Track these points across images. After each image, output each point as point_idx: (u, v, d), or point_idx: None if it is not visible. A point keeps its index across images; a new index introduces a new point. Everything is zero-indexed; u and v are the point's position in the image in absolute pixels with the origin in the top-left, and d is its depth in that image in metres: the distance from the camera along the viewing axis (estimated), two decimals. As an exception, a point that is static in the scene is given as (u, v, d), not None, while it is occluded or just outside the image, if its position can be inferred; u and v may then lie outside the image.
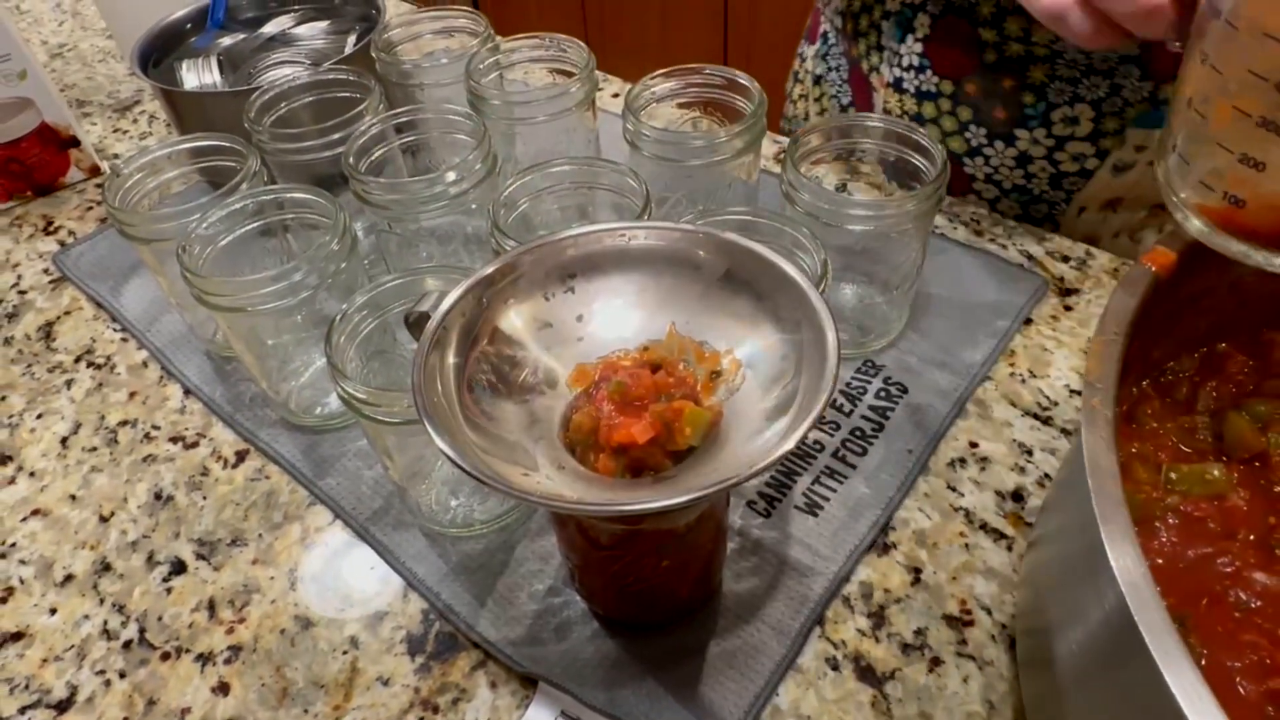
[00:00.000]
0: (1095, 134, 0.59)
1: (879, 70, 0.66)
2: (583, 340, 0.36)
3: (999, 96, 0.60)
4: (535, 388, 0.35)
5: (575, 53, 0.60)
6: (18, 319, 0.64)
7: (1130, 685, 0.26)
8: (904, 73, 0.64)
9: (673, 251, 0.36)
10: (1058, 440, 0.49)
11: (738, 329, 0.35)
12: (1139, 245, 0.65)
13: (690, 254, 0.36)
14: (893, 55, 0.64)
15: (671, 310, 0.36)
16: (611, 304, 0.36)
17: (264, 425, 0.53)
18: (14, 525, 0.50)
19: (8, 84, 0.68)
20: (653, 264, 0.36)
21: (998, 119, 0.61)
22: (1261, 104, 0.30)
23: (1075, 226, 0.65)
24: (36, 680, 0.43)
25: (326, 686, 0.42)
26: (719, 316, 0.35)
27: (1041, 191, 0.64)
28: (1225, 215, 0.33)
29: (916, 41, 0.61)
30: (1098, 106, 0.58)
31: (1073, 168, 0.61)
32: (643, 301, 0.36)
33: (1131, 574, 0.25)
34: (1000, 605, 0.42)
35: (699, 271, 0.36)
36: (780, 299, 0.34)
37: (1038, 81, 0.58)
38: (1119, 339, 0.32)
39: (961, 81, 0.61)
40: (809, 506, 0.47)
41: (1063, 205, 0.64)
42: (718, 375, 0.35)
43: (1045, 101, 0.59)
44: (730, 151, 0.52)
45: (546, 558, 0.45)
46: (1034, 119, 0.60)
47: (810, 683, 0.40)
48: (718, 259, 0.35)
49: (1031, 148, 0.61)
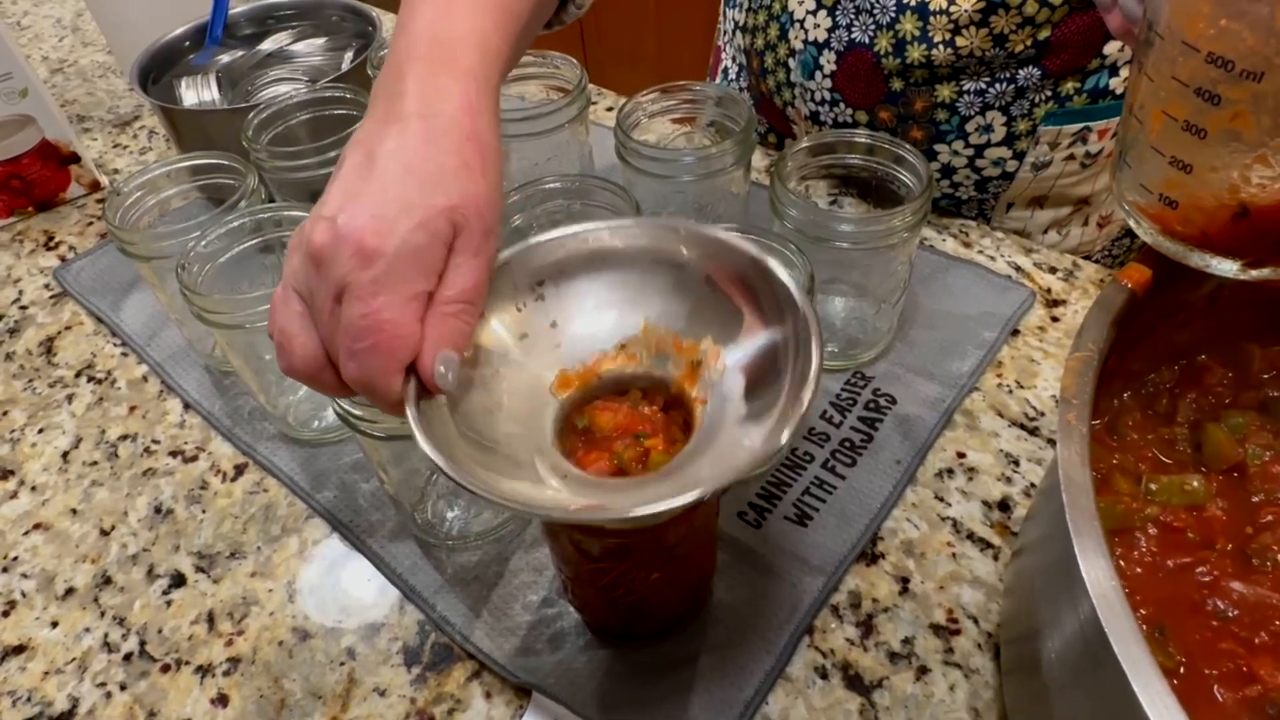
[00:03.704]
0: (1010, 137, 0.62)
1: (794, 105, 0.69)
2: (560, 346, 0.36)
3: (913, 119, 0.62)
4: (522, 399, 0.35)
5: (568, 70, 0.61)
6: (19, 334, 0.65)
7: (1102, 694, 0.26)
8: (818, 106, 0.66)
9: (640, 248, 0.36)
10: (1044, 451, 0.50)
11: (715, 320, 0.35)
12: (1066, 238, 0.68)
13: (660, 249, 0.36)
14: (804, 91, 0.67)
15: (644, 305, 0.36)
16: (584, 306, 0.37)
17: (262, 439, 0.54)
18: (16, 539, 0.51)
19: (9, 102, 0.69)
20: (620, 262, 0.36)
21: (916, 139, 0.63)
22: (1185, 109, 0.31)
23: (1005, 223, 0.68)
24: (38, 693, 0.44)
25: (324, 697, 0.42)
26: (694, 308, 0.35)
27: (969, 197, 0.67)
28: (1162, 217, 0.35)
29: (825, 78, 0.64)
30: (1007, 111, 0.60)
31: (994, 172, 0.64)
32: (614, 300, 0.37)
33: (1102, 586, 0.26)
34: (986, 614, 0.43)
35: (670, 265, 0.36)
36: (760, 291, 0.34)
37: (947, 99, 0.60)
38: (1095, 356, 0.33)
39: (874, 109, 0.63)
40: (799, 517, 0.47)
41: (991, 202, 0.67)
42: (698, 365, 0.35)
43: (958, 115, 0.61)
44: (721, 166, 0.53)
45: (540, 570, 0.46)
46: (950, 133, 0.62)
47: (799, 691, 0.41)
48: (689, 252, 0.35)
49: (953, 159, 0.64)
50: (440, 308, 0.32)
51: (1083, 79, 0.58)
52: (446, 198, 0.32)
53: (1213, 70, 0.30)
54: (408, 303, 0.31)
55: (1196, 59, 0.30)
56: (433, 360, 0.31)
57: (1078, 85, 0.59)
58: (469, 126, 0.34)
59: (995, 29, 0.56)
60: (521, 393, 0.35)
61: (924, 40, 0.58)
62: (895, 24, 0.58)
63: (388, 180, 0.32)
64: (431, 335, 0.32)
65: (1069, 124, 0.60)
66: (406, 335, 0.31)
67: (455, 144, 0.34)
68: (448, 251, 0.32)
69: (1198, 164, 0.32)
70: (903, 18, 0.58)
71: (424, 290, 0.32)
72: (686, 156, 0.53)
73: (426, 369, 0.32)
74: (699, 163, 0.53)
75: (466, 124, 0.34)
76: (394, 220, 0.31)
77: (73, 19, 1.10)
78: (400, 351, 0.31)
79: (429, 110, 0.34)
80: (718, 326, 0.35)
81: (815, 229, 0.48)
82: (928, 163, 0.50)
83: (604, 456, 0.34)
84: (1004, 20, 0.55)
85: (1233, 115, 0.30)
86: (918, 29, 0.57)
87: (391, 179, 0.32)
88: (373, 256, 0.31)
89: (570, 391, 0.36)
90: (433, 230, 0.32)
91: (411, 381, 0.32)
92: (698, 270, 0.35)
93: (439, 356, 0.32)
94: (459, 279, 0.32)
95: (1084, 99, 0.59)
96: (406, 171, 0.33)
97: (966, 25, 0.56)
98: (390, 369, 0.31)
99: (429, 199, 0.32)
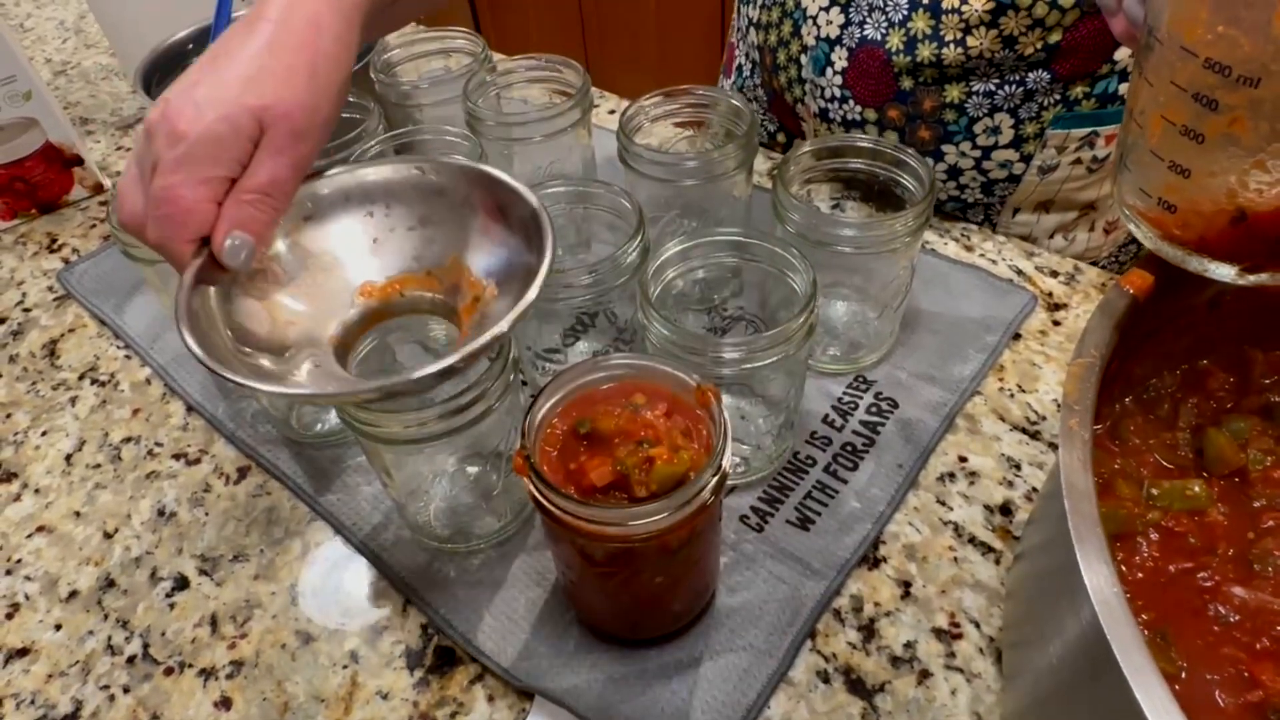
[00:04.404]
0: (1017, 140, 0.62)
1: (804, 101, 0.69)
2: (376, 260, 0.42)
3: (921, 118, 0.63)
4: (322, 299, 0.41)
5: (571, 73, 0.61)
6: (22, 336, 0.65)
7: (1104, 699, 0.26)
8: (828, 104, 0.66)
9: (434, 185, 0.42)
10: (1045, 455, 0.50)
11: (490, 248, 0.41)
12: (1072, 244, 0.68)
13: (447, 185, 0.42)
14: (814, 88, 0.67)
15: (456, 243, 0.42)
16: (406, 231, 0.42)
17: (265, 442, 0.54)
18: (19, 541, 0.51)
19: (13, 104, 0.70)
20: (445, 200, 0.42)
21: (924, 139, 0.64)
22: (1184, 113, 0.31)
23: (1011, 228, 0.68)
24: (42, 695, 0.44)
25: (327, 700, 0.42)
26: (476, 239, 0.41)
27: (975, 200, 0.67)
28: (1161, 221, 0.35)
29: (836, 74, 0.64)
30: (1015, 114, 0.60)
31: (1001, 174, 0.64)
32: (433, 234, 0.42)
33: (1104, 591, 0.26)
34: (988, 618, 0.43)
35: (456, 199, 0.42)
36: (519, 224, 0.40)
37: (956, 99, 0.61)
38: (1097, 361, 0.33)
39: (883, 108, 0.63)
40: (801, 521, 0.47)
41: (997, 207, 0.67)
42: (478, 299, 0.40)
43: (966, 116, 0.61)
44: (722, 170, 0.53)
45: (543, 573, 0.46)
46: (958, 134, 0.62)
47: (801, 695, 0.41)
48: (462, 186, 0.41)
49: (960, 160, 0.64)
50: (237, 194, 0.37)
51: (1092, 84, 0.59)
52: (259, 98, 0.37)
53: (1210, 75, 0.30)
54: (200, 184, 0.36)
55: (1195, 64, 0.30)
56: (223, 237, 0.37)
57: (1087, 90, 0.59)
58: (308, 38, 0.39)
59: (1005, 30, 0.56)
60: (323, 293, 0.41)
61: (935, 39, 0.58)
62: (907, 21, 0.59)
63: (219, 75, 0.37)
64: (225, 215, 0.37)
65: (1077, 128, 0.60)
66: (196, 212, 0.36)
67: (290, 52, 0.38)
68: (253, 146, 0.37)
69: (1196, 169, 0.33)
70: (915, 15, 0.58)
71: (220, 176, 0.37)
72: (688, 160, 0.53)
73: (216, 243, 0.37)
74: (701, 166, 0.53)
75: (308, 35, 0.39)
76: (204, 109, 0.36)
77: (75, 21, 1.10)
78: (190, 224, 0.36)
79: (281, 17, 0.39)
80: (489, 252, 0.41)
81: (817, 233, 0.48)
82: (930, 167, 0.50)
83: (607, 462, 0.35)
84: (1014, 22, 0.56)
85: (1230, 120, 0.30)
86: (929, 27, 0.58)
87: (223, 74, 0.37)
88: (179, 138, 0.36)
89: (371, 300, 0.41)
90: (235, 124, 0.36)
91: (201, 256, 0.37)
92: (472, 202, 0.41)
93: (230, 234, 0.37)
94: (258, 172, 0.37)
95: (1093, 104, 0.59)
96: (236, 69, 0.37)
97: (977, 25, 0.56)
98: (179, 237, 0.37)
99: (242, 96, 0.37)
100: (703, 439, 0.36)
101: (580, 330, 0.53)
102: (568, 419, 0.37)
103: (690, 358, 0.41)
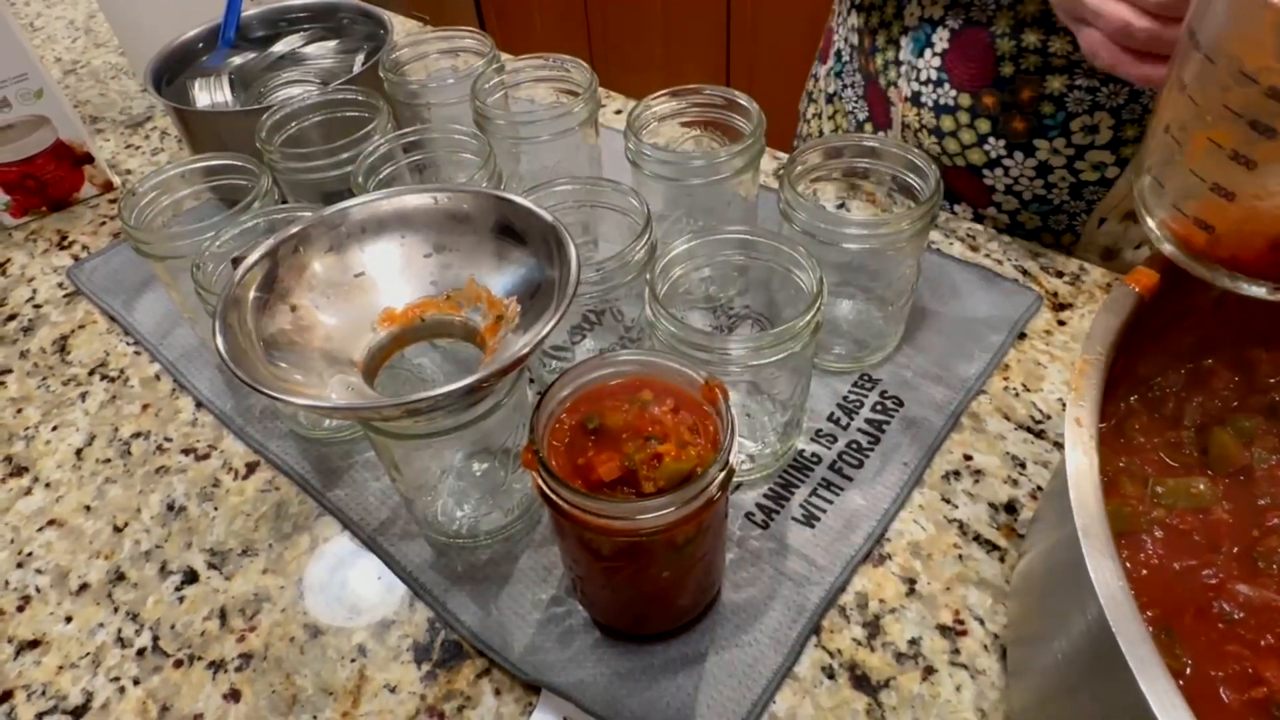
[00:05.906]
0: (1115, 142, 0.59)
1: (896, 85, 0.67)
2: (394, 287, 0.43)
3: (1017, 108, 0.60)
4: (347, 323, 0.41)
5: (578, 73, 0.61)
6: (33, 332, 0.65)
7: (1109, 696, 0.27)
8: (922, 87, 0.64)
9: (447, 210, 0.43)
10: (1050, 453, 0.50)
11: (508, 268, 0.42)
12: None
13: (461, 210, 0.42)
14: (910, 70, 0.65)
15: (473, 264, 0.42)
16: (391, 254, 0.43)
17: (274, 437, 0.55)
18: (30, 535, 0.52)
19: (25, 103, 0.70)
20: (463, 226, 0.43)
21: (1016, 130, 0.62)
22: (1235, 138, 0.30)
23: (1095, 238, 0.66)
24: (53, 687, 0.44)
25: (335, 693, 0.43)
26: (493, 260, 0.42)
27: (1062, 202, 0.64)
28: (1195, 239, 0.34)
29: (935, 56, 0.62)
30: (1117, 114, 0.58)
31: (1093, 176, 0.62)
32: (419, 253, 0.43)
33: (1110, 587, 0.26)
34: (993, 616, 0.43)
35: (471, 223, 0.42)
36: (537, 241, 0.40)
37: (1056, 91, 0.59)
38: (1103, 359, 0.33)
39: (979, 94, 0.61)
40: (806, 518, 0.48)
41: (1083, 215, 0.64)
42: (500, 319, 0.41)
43: (1064, 111, 0.59)
44: (729, 170, 0.53)
45: (550, 568, 0.46)
46: (1053, 129, 0.60)
47: (806, 691, 0.41)
48: (487, 212, 0.42)
49: (1051, 157, 0.62)
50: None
51: None
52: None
53: (1273, 104, 0.29)
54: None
55: (1254, 90, 0.29)
56: None
57: None
58: None
59: None
60: (352, 316, 0.41)
61: (1043, 25, 0.56)
62: (1018, 4, 0.56)
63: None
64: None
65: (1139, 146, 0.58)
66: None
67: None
68: None
69: (1241, 193, 0.32)
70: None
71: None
72: (695, 160, 0.53)
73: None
74: (708, 166, 0.53)
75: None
76: None
77: (85, 20, 1.11)
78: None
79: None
80: (511, 277, 0.42)
81: (823, 232, 0.49)
82: (936, 168, 0.50)
83: (615, 457, 0.35)
84: None
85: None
86: (1038, 11, 0.56)
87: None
88: None
89: (392, 326, 0.42)
90: None
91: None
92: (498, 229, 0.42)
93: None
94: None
95: None
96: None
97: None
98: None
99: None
100: (710, 435, 0.36)
101: (587, 328, 0.53)
102: (576, 414, 0.37)
103: (697, 355, 0.42)
